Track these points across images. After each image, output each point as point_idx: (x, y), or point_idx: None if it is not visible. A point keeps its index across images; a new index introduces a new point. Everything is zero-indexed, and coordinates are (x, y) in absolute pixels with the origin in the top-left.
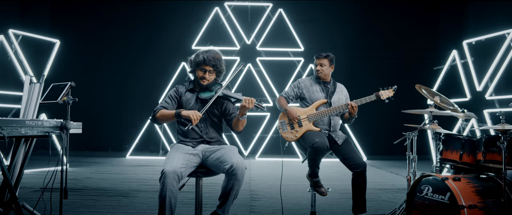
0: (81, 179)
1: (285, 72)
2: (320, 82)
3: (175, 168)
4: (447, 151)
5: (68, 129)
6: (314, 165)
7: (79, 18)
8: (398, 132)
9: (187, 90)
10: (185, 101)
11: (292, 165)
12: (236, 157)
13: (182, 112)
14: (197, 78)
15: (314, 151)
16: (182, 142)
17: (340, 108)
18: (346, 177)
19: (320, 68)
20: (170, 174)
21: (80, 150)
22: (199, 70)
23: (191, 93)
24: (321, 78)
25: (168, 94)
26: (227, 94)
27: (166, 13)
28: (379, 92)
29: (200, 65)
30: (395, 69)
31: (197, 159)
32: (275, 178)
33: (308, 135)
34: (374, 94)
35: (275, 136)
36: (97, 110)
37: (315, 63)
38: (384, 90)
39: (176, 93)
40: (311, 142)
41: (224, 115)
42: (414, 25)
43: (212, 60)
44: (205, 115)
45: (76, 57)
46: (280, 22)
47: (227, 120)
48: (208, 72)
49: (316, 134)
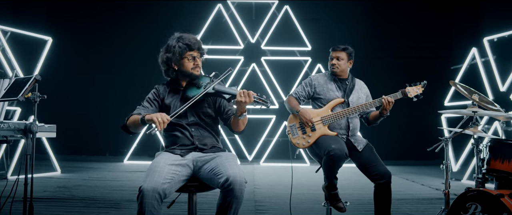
0: (71, 187)
1: (292, 72)
2: (336, 79)
3: (155, 185)
4: (496, 161)
5: (33, 132)
6: (331, 175)
7: (76, 17)
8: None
9: (169, 90)
10: (170, 104)
11: (299, 170)
12: (233, 168)
13: (146, 116)
14: (185, 72)
15: (331, 160)
16: (168, 149)
17: (361, 108)
18: (359, 184)
19: (337, 62)
20: (149, 193)
21: (77, 155)
22: (186, 59)
23: (174, 94)
24: (337, 74)
25: (147, 97)
26: (219, 89)
27: (166, 11)
28: (406, 88)
29: (185, 52)
30: (409, 70)
31: (187, 170)
32: (282, 186)
33: (323, 140)
34: (400, 91)
35: (281, 140)
36: (94, 112)
37: (331, 56)
38: (411, 86)
39: (156, 94)
40: (327, 149)
41: (220, 113)
42: (427, 24)
43: (195, 42)
44: (196, 117)
45: (73, 57)
46: (286, 20)
47: (224, 120)
48: (196, 58)
49: (333, 140)
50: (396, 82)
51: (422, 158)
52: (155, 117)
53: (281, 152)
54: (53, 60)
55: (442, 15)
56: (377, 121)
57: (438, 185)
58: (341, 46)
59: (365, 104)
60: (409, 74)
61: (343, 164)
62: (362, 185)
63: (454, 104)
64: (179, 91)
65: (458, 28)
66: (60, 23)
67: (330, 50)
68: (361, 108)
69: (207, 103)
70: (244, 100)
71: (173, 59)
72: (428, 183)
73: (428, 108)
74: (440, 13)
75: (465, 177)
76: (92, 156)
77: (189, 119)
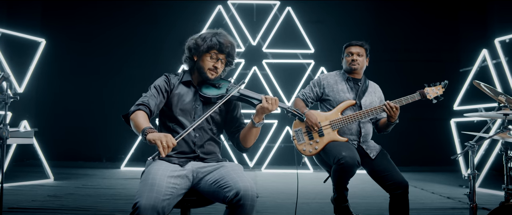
0: (62, 196)
1: (294, 75)
2: (349, 78)
3: (155, 202)
4: None
5: (3, 138)
6: (341, 186)
7: (73, 18)
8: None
9: (180, 81)
10: (178, 97)
11: (301, 177)
12: (243, 181)
13: (148, 135)
14: (201, 68)
15: (341, 169)
16: (164, 158)
17: (373, 111)
18: (366, 192)
19: (358, 57)
20: (148, 212)
21: (73, 161)
22: (209, 57)
23: (185, 86)
24: (357, 71)
25: (156, 84)
26: (247, 94)
27: (165, 12)
28: (424, 89)
29: (212, 49)
30: (414, 73)
31: (186, 183)
32: (285, 194)
33: (332, 147)
34: (418, 92)
35: (283, 145)
36: (91, 117)
37: (350, 52)
38: (430, 86)
39: (167, 83)
40: (337, 157)
41: (229, 124)
42: (432, 26)
43: (229, 46)
44: (203, 123)
45: (69, 58)
46: (288, 22)
47: (231, 133)
48: (220, 61)
49: (343, 146)
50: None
51: (428, 164)
52: (159, 140)
53: (283, 158)
54: (49, 62)
55: (448, 17)
56: (387, 128)
57: (449, 193)
58: (359, 41)
59: (375, 109)
60: (414, 77)
61: (354, 173)
62: (370, 192)
63: (464, 108)
64: (191, 86)
65: (464, 30)
66: (57, 25)
67: (344, 46)
68: (371, 113)
69: (220, 109)
70: (271, 107)
71: (199, 49)
72: (438, 191)
73: (435, 112)
74: (445, 15)
75: (477, 184)
76: (88, 162)
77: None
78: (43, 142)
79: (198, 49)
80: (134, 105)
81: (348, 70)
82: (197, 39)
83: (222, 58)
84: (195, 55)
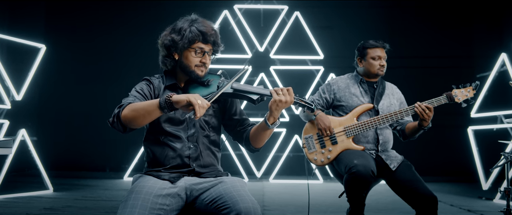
0: (59, 208)
1: (303, 82)
2: (363, 81)
3: None
4: None
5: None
6: (355, 199)
7: (75, 24)
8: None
9: (165, 86)
10: None
11: (311, 188)
12: (245, 201)
13: (173, 97)
14: (186, 67)
15: (352, 178)
16: (152, 172)
17: (393, 116)
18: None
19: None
20: None
21: (76, 171)
22: (193, 52)
23: (171, 91)
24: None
25: (138, 87)
26: (242, 88)
27: (170, 19)
28: (452, 91)
29: (195, 42)
30: (427, 79)
31: (178, 202)
32: (294, 207)
33: (345, 155)
34: (445, 95)
35: (292, 155)
36: (95, 125)
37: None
38: (459, 88)
39: (150, 87)
40: (348, 166)
41: (232, 124)
42: (445, 33)
43: (213, 33)
44: (196, 128)
45: (72, 65)
46: (297, 27)
47: (237, 133)
48: (206, 54)
49: (357, 154)
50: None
51: (444, 174)
52: (192, 97)
53: (291, 168)
54: (52, 68)
55: (462, 23)
56: (415, 134)
57: (468, 205)
58: (383, 43)
59: (395, 113)
60: (427, 84)
61: (371, 186)
62: (385, 205)
63: (482, 115)
64: (177, 90)
65: (479, 36)
66: (60, 31)
67: (366, 47)
68: (391, 118)
69: (214, 111)
70: (285, 99)
71: (178, 45)
72: (457, 203)
73: (452, 119)
74: (459, 20)
75: (497, 196)
76: (92, 172)
77: (189, 131)
78: (44, 151)
79: (177, 46)
80: (116, 108)
81: (371, 74)
82: (173, 35)
83: (208, 50)
84: (176, 52)
